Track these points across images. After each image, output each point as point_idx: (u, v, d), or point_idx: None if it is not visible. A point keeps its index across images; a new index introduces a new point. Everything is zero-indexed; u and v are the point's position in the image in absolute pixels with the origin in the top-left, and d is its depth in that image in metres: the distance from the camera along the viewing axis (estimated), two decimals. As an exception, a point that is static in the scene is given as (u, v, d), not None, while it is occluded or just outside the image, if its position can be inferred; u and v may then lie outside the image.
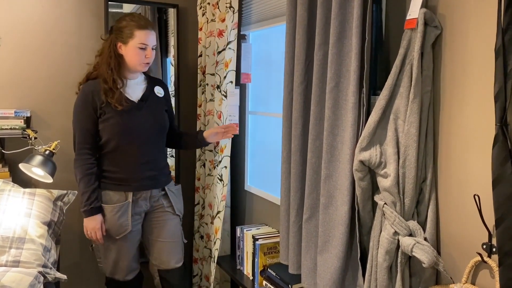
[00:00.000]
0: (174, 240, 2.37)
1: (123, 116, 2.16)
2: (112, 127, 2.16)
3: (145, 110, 2.23)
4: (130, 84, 2.24)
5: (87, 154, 2.18)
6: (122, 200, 2.22)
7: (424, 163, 1.48)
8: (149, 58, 2.17)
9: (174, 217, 2.37)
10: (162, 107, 2.32)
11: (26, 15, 2.58)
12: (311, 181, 1.74)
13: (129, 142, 2.19)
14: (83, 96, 2.18)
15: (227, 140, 2.57)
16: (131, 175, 2.22)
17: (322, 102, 1.68)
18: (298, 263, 1.84)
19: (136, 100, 2.22)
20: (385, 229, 1.50)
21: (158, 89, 2.33)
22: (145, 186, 2.26)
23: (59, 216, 2.29)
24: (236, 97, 2.56)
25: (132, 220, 2.25)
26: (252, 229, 2.45)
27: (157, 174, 2.29)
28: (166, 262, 2.36)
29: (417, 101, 1.43)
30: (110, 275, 2.31)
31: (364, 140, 1.51)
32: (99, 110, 2.16)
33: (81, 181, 2.16)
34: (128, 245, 2.27)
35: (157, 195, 2.32)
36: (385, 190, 1.49)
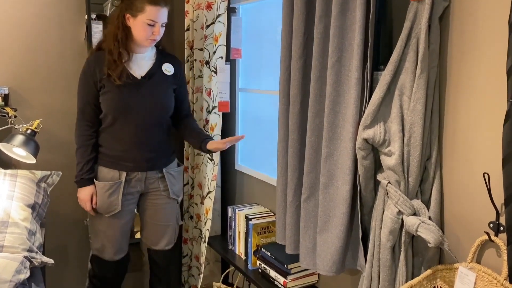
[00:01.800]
0: (167, 223, 2.32)
1: (121, 92, 2.07)
2: (109, 102, 2.08)
3: (146, 87, 2.12)
4: (136, 59, 2.13)
5: (86, 125, 2.13)
6: (116, 178, 2.16)
7: (429, 141, 1.44)
8: (156, 35, 2.05)
9: (170, 200, 2.31)
10: (169, 85, 2.20)
11: (1, -15, 2.42)
12: (310, 160, 1.68)
13: (125, 119, 2.10)
14: (86, 67, 2.12)
15: (217, 118, 2.49)
16: (126, 154, 2.14)
17: (323, 78, 1.61)
18: (296, 243, 1.80)
19: (139, 76, 2.12)
20: (388, 208, 1.46)
21: (167, 66, 2.21)
22: (141, 168, 2.18)
23: (43, 198, 2.19)
24: (226, 74, 2.47)
25: (123, 200, 2.18)
26: (244, 209, 2.40)
27: (155, 156, 2.20)
28: (157, 243, 2.33)
29: (424, 76, 1.38)
30: (96, 253, 2.25)
31: (368, 118, 1.45)
32: (99, 83, 2.08)
33: (78, 151, 2.14)
34: (117, 225, 2.21)
35: (154, 177, 2.24)
36: (389, 169, 1.45)
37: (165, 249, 2.35)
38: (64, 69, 2.60)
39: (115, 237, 2.23)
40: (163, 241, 2.33)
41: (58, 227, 2.65)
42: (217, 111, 2.47)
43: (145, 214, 2.31)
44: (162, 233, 2.32)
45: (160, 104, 2.16)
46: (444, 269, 1.42)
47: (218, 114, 2.48)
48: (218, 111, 2.47)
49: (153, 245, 2.34)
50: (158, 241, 2.33)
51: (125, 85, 2.06)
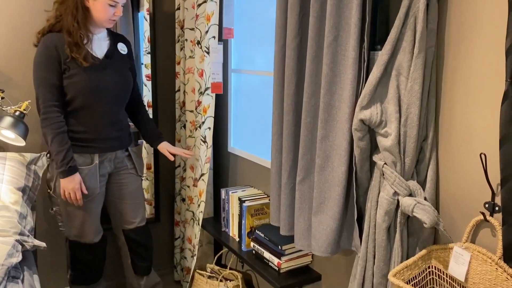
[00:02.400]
0: (137, 201, 2.35)
1: (89, 74, 2.04)
2: (77, 85, 2.03)
3: (110, 67, 2.12)
4: (95, 40, 2.11)
5: (56, 112, 2.04)
6: (88, 162, 2.14)
7: (425, 122, 1.44)
8: (117, 16, 2.05)
9: (137, 178, 2.35)
10: (126, 65, 2.22)
11: (-16, -39, 2.33)
12: (305, 142, 1.67)
13: (95, 101, 2.08)
14: (45, 49, 2.01)
15: (210, 99, 2.46)
16: (98, 135, 2.13)
17: (319, 57, 1.59)
18: (291, 224, 1.80)
19: (101, 57, 2.10)
20: (384, 189, 1.46)
21: (121, 45, 2.22)
22: (111, 147, 2.19)
23: (33, 181, 2.15)
24: (219, 54, 2.43)
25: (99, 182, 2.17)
26: (237, 191, 2.39)
27: (121, 134, 2.23)
28: (131, 222, 2.35)
29: (421, 56, 1.36)
30: (75, 238, 2.23)
31: (365, 98, 1.44)
32: (63, 65, 2.02)
33: (54, 141, 2.04)
34: (95, 207, 2.21)
35: (121, 156, 2.27)
36: (385, 150, 1.44)
37: (140, 225, 2.36)
38: (52, 49, 2.53)
39: (94, 220, 2.23)
40: (136, 218, 2.35)
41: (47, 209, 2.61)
42: (210, 93, 2.44)
43: (117, 195, 2.31)
44: (135, 211, 2.33)
45: (125, 82, 2.19)
46: (439, 249, 1.42)
47: (211, 96, 2.45)
48: (211, 93, 2.44)
49: (127, 225, 2.34)
50: (132, 220, 2.34)
51: (90, 66, 2.04)
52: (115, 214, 2.35)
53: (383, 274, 1.48)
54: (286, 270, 2.01)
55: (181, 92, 2.74)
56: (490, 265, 1.29)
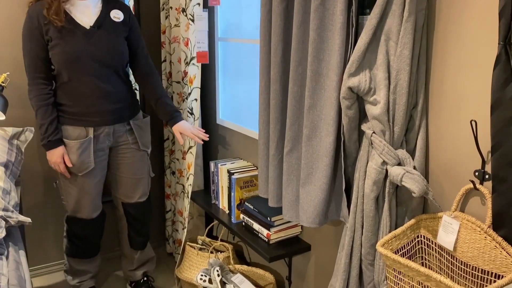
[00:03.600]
0: (139, 176, 2.29)
1: (70, 44, 1.94)
2: (59, 56, 1.95)
3: (97, 37, 2.00)
4: (80, 7, 1.99)
5: (41, 84, 1.99)
6: (83, 136, 2.07)
7: (415, 88, 1.39)
8: None
9: (140, 152, 2.27)
10: (120, 33, 2.08)
11: None
12: (292, 112, 1.62)
13: (80, 72, 1.99)
14: (28, 20, 1.95)
15: (196, 70, 2.39)
16: (89, 109, 2.05)
17: (306, 23, 1.52)
18: (279, 196, 1.77)
19: (87, 25, 1.99)
20: (372, 159, 1.43)
21: (116, 12, 2.08)
22: (107, 121, 2.10)
23: (16, 156, 2.10)
24: (204, 22, 2.34)
25: (95, 157, 2.12)
26: (226, 164, 2.36)
27: (119, 107, 2.12)
28: (130, 196, 2.31)
29: (411, 19, 1.30)
30: (72, 213, 2.21)
31: (353, 65, 1.38)
32: (45, 35, 1.94)
33: (38, 113, 2.00)
34: (91, 182, 2.15)
35: (121, 130, 2.18)
36: (374, 118, 1.40)
37: (139, 201, 2.32)
38: (31, 19, 2.43)
39: (91, 195, 2.18)
40: (136, 193, 2.31)
41: (35, 184, 2.58)
42: (196, 63, 2.37)
43: (117, 169, 2.26)
44: (135, 186, 2.29)
45: (114, 53, 2.04)
46: (428, 218, 1.40)
47: (197, 66, 2.38)
48: (196, 63, 2.37)
49: (127, 199, 2.31)
50: (132, 195, 2.30)
51: (74, 35, 1.95)
52: (115, 187, 2.32)
53: (371, 244, 1.46)
54: (275, 241, 2.00)
55: (167, 62, 2.66)
56: (479, 234, 1.27)
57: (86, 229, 2.25)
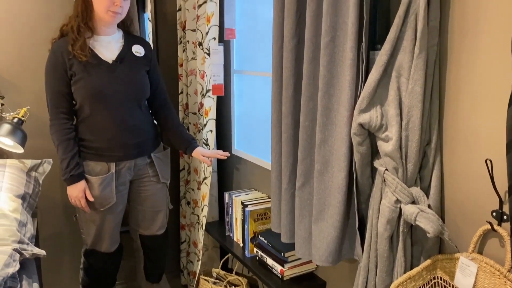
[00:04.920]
0: (158, 209, 2.28)
1: (94, 78, 1.96)
2: (83, 90, 1.97)
3: (120, 71, 2.02)
4: (104, 42, 2.03)
5: (63, 119, 2.01)
6: (105, 171, 2.07)
7: (428, 125, 1.36)
8: (118, 7, 1.93)
9: (160, 185, 2.26)
10: (141, 67, 2.11)
11: (-17, -33, 2.32)
12: (304, 146, 1.60)
13: (103, 107, 2.00)
14: (52, 55, 1.99)
15: (211, 102, 2.41)
16: (111, 143, 2.05)
17: (316, 59, 1.52)
18: (291, 231, 1.74)
19: (110, 60, 2.02)
20: (385, 196, 1.39)
21: (137, 47, 2.12)
22: (128, 156, 2.10)
23: (34, 188, 2.14)
24: (220, 55, 2.37)
25: (116, 191, 2.11)
26: (241, 195, 2.34)
27: (141, 141, 2.12)
28: (148, 229, 2.30)
29: (423, 56, 1.29)
30: (91, 247, 2.21)
31: (364, 101, 1.37)
32: (69, 71, 1.96)
33: (59, 148, 2.01)
34: (112, 217, 2.15)
35: (142, 163, 2.18)
36: (386, 155, 1.37)
37: (157, 234, 2.31)
38: (53, 54, 2.52)
39: (111, 230, 2.18)
40: (155, 226, 2.29)
41: (52, 214, 2.61)
42: (211, 95, 2.39)
43: (136, 202, 2.26)
44: (154, 218, 2.28)
45: (136, 86, 2.07)
46: (444, 259, 1.35)
47: (212, 98, 2.40)
48: (212, 95, 2.39)
49: (145, 231, 2.31)
50: (151, 227, 2.30)
51: (97, 70, 1.97)
52: (133, 219, 2.31)
53: (386, 285, 1.41)
54: (289, 277, 1.96)
55: (184, 94, 2.70)
56: (499, 278, 1.21)
57: (104, 263, 2.25)
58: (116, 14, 1.96)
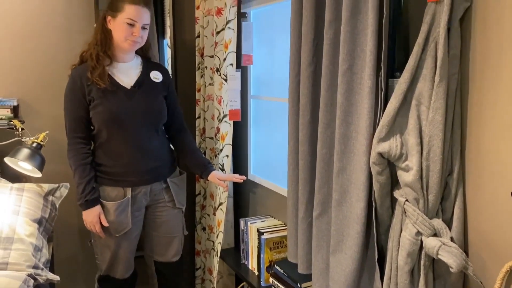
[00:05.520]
0: (174, 235, 2.25)
1: (112, 103, 1.98)
2: (100, 115, 1.98)
3: (137, 96, 2.04)
4: (122, 68, 2.05)
5: (80, 144, 2.02)
6: (121, 196, 2.06)
7: (450, 155, 1.32)
8: (136, 36, 1.96)
9: (175, 210, 2.23)
10: (159, 92, 2.12)
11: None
12: (321, 174, 1.57)
13: (120, 132, 2.01)
14: (71, 81, 2.02)
15: (228, 127, 2.40)
16: (128, 168, 2.05)
17: (334, 86, 1.50)
18: (308, 262, 1.69)
19: (128, 86, 2.04)
20: (406, 228, 1.34)
21: (155, 73, 2.13)
22: (145, 181, 2.10)
23: (50, 212, 2.14)
24: (237, 81, 2.38)
25: (132, 217, 2.10)
26: (256, 222, 2.31)
27: (157, 166, 2.11)
28: (163, 255, 2.27)
29: (443, 84, 1.26)
30: (105, 273, 2.18)
31: (383, 130, 1.34)
32: (87, 96, 1.98)
33: (76, 172, 2.01)
34: (127, 243, 2.13)
35: (158, 188, 2.16)
36: (406, 186, 1.33)
37: (172, 260, 2.28)
38: (74, 79, 2.56)
39: (126, 256, 2.15)
40: (170, 252, 2.26)
41: (68, 239, 2.61)
42: (228, 120, 2.39)
43: (151, 227, 2.24)
44: (168, 245, 2.25)
45: (154, 111, 2.07)
46: (469, 295, 1.29)
47: (229, 123, 2.40)
48: (228, 120, 2.39)
49: (159, 257, 2.28)
50: (165, 253, 2.26)
51: (115, 95, 1.99)
52: (148, 245, 2.28)
53: (407, 321, 1.35)
54: (306, 309, 1.90)
55: (201, 119, 2.70)
56: (528, 318, 1.14)
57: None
58: (135, 43, 1.98)
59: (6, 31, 2.40)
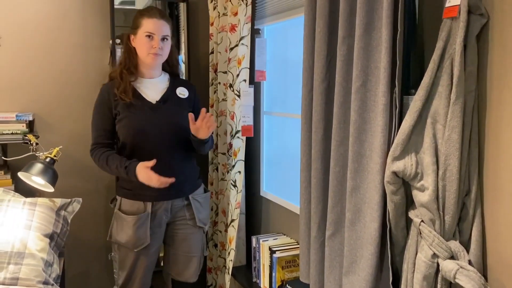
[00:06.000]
0: (192, 254, 2.21)
1: (137, 117, 2.02)
2: (125, 128, 2.03)
3: (162, 111, 2.07)
4: (149, 84, 2.10)
5: (102, 147, 2.07)
6: (141, 211, 2.06)
7: (467, 174, 1.28)
8: (156, 48, 2.01)
9: (195, 230, 2.19)
10: (184, 108, 2.13)
11: (28, 13, 2.44)
12: (334, 192, 1.54)
13: (143, 145, 2.03)
14: (100, 95, 2.10)
15: (240, 143, 2.39)
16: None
17: (347, 103, 1.48)
18: (321, 282, 1.65)
19: (153, 100, 2.07)
20: (422, 250, 1.30)
21: (182, 89, 2.17)
22: (165, 196, 2.08)
23: (62, 227, 2.14)
24: (250, 97, 2.37)
25: (151, 233, 2.08)
26: (268, 240, 2.27)
27: (179, 181, 2.07)
28: (180, 274, 2.23)
29: (459, 102, 1.22)
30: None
31: (398, 148, 1.31)
32: (114, 110, 2.04)
33: (108, 162, 2.01)
34: (146, 259, 2.11)
35: (179, 205, 2.14)
36: (422, 206, 1.29)
37: (189, 282, 2.24)
38: (88, 94, 2.58)
39: (143, 272, 2.13)
40: (187, 273, 2.22)
41: (80, 254, 2.60)
42: (240, 136, 2.38)
43: (170, 245, 2.21)
44: (186, 264, 2.21)
45: (178, 126, 2.09)
46: (488, 322, 1.23)
47: (241, 139, 2.38)
48: (241, 136, 2.37)
49: (177, 276, 2.25)
50: (182, 273, 2.23)
51: (140, 109, 2.03)
52: (166, 262, 2.26)
53: None
54: (318, 331, 1.84)
55: (214, 134, 2.69)
56: None
57: None
58: (157, 55, 2.03)
59: (23, 46, 2.44)
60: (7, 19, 2.40)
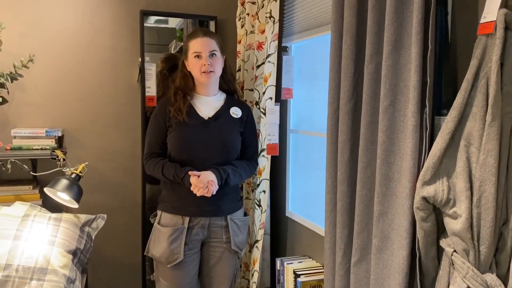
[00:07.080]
0: (223, 279, 2.14)
1: (186, 130, 2.05)
2: (174, 140, 2.06)
3: (212, 128, 2.07)
4: (204, 101, 2.13)
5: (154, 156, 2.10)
6: (179, 224, 2.04)
7: (505, 202, 1.18)
8: (206, 66, 2.04)
9: (230, 254, 2.12)
10: (235, 127, 2.12)
11: (60, 31, 2.50)
12: (361, 217, 1.47)
13: (188, 158, 2.03)
14: (158, 107, 2.17)
15: (265, 161, 2.34)
16: (189, 197, 1.99)
17: (375, 123, 1.42)
18: (346, 312, 1.57)
19: (206, 117, 2.09)
20: (454, 282, 1.21)
21: (235, 109, 2.16)
22: (203, 212, 2.05)
23: (85, 243, 2.14)
24: (275, 115, 2.33)
25: (186, 249, 2.04)
26: (293, 263, 2.20)
27: (219, 200, 2.04)
28: None
29: (496, 124, 1.14)
30: None
31: (428, 172, 1.23)
32: (167, 122, 2.09)
33: (164, 170, 2.03)
34: (181, 276, 2.07)
35: (217, 225, 2.09)
36: (454, 235, 1.20)
37: None
38: (117, 111, 2.62)
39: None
40: None
41: (103, 271, 2.60)
42: (266, 154, 2.33)
43: (203, 266, 2.15)
44: (217, 286, 2.15)
45: (225, 144, 2.08)
46: None
47: (266, 157, 2.34)
48: (266, 154, 2.33)
49: None
50: None
51: (191, 124, 2.05)
52: (201, 283, 2.21)
53: None
54: None
55: (240, 152, 2.66)
56: None
57: None
58: (209, 73, 2.06)
59: (54, 63, 2.49)
60: (40, 37, 2.46)
